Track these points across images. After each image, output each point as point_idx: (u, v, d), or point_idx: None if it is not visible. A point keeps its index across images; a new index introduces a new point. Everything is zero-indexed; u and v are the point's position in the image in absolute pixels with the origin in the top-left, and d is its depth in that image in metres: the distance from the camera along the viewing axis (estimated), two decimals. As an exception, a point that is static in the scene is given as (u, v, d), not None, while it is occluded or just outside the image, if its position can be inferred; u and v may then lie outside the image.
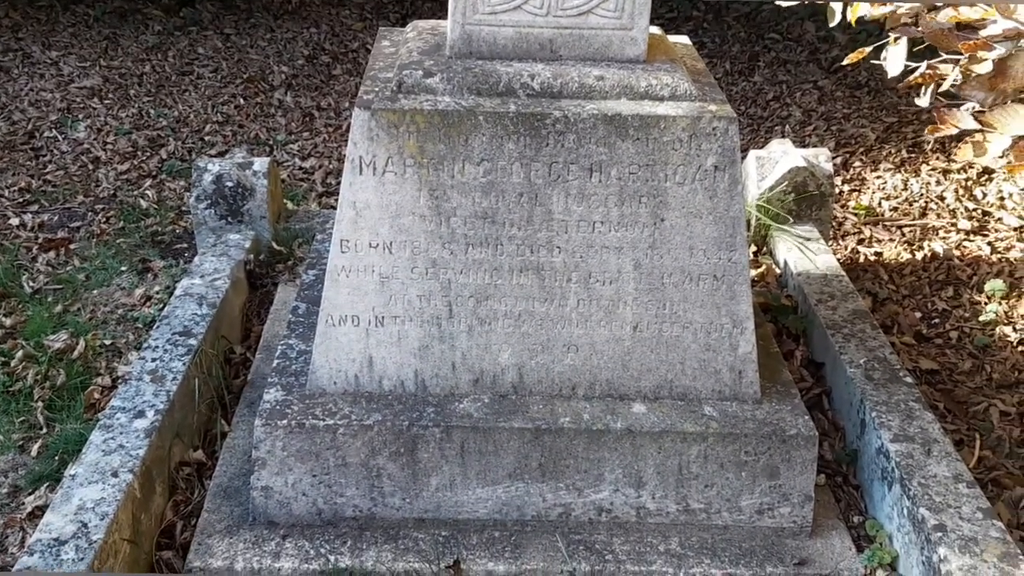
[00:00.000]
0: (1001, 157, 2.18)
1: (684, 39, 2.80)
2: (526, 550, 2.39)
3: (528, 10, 2.30)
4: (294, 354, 2.60)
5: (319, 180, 4.75)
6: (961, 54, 2.09)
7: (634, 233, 2.32)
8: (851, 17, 2.89)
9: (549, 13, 2.30)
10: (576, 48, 2.34)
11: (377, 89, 2.33)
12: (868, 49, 3.02)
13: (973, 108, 2.06)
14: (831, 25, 3.33)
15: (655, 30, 2.52)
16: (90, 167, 4.82)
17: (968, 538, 2.18)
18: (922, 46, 2.99)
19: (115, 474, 2.35)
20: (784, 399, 2.49)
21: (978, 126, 2.01)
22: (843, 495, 2.62)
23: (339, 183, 4.67)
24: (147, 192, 4.51)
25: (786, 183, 3.54)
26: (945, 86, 2.26)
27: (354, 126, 2.24)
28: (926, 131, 2.23)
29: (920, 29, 2.13)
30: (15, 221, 4.24)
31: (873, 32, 5.71)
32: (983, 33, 2.07)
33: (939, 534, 2.19)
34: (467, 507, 2.42)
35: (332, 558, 2.34)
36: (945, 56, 2.29)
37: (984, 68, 2.02)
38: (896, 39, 2.85)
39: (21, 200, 4.46)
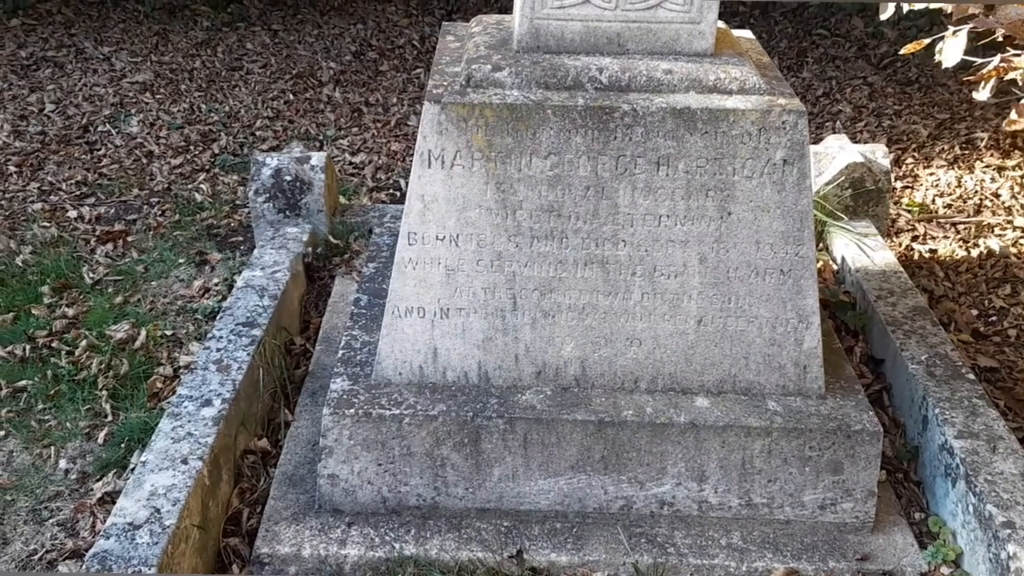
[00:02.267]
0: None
1: (748, 33, 2.80)
2: (588, 542, 2.40)
3: (596, 4, 2.31)
4: (358, 345, 2.63)
5: (369, 175, 4.78)
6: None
7: (700, 227, 2.32)
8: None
9: (617, 7, 2.31)
10: (644, 42, 2.35)
11: (446, 83, 2.35)
12: (926, 41, 3.00)
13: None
14: (883, 18, 3.32)
15: (720, 24, 2.52)
16: (144, 161, 4.90)
17: (1038, 535, 2.17)
18: (981, 41, 2.97)
19: (185, 461, 2.40)
20: (848, 395, 2.48)
21: (1058, 120, 1.99)
22: (904, 492, 2.61)
23: (389, 178, 4.72)
24: (201, 186, 4.57)
25: (843, 178, 3.52)
26: (1015, 75, 2.24)
27: (424, 120, 2.26)
28: (1004, 124, 2.21)
29: (997, 19, 2.10)
30: (73, 213, 4.31)
31: (923, 27, 5.66)
32: (1067, 24, 2.05)
33: (1007, 531, 2.18)
34: (529, 498, 2.44)
35: (397, 546, 2.37)
36: (1013, 44, 2.26)
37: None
38: (955, 31, 2.83)
39: (78, 193, 4.54)
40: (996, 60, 2.35)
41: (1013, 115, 2.75)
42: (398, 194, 4.49)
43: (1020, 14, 2.11)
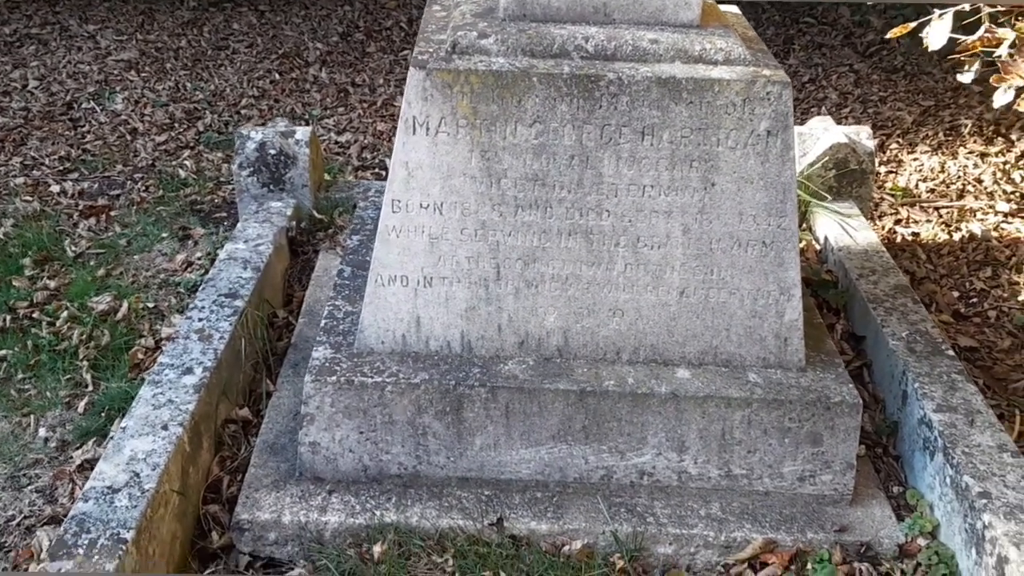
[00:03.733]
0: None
1: (734, 8, 2.81)
2: (568, 511, 2.41)
3: (582, -27, 2.31)
4: (341, 315, 2.63)
5: (355, 154, 4.77)
6: (1020, 18, 2.09)
7: (684, 198, 2.33)
8: None
9: (603, -24, 2.31)
10: (630, 11, 2.35)
11: (431, 50, 2.35)
12: (912, 24, 3.01)
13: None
14: (868, 2, 3.32)
15: (706, -3, 2.52)
16: (128, 138, 4.87)
17: (1013, 505, 2.18)
18: (965, 21, 2.98)
19: (165, 427, 2.39)
20: (828, 368, 2.49)
21: (1042, 77, 2.01)
22: (883, 466, 2.63)
23: (375, 157, 4.71)
24: (185, 162, 4.55)
25: (827, 159, 3.54)
26: (1001, 51, 2.26)
27: (408, 86, 2.26)
28: (991, 79, 2.22)
29: (985, -7, 2.12)
30: (56, 188, 4.29)
31: (910, 16, 5.68)
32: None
33: (983, 501, 2.20)
34: (510, 467, 2.44)
35: (378, 513, 2.37)
36: (997, 22, 2.28)
37: (1041, 31, 2.02)
38: (941, 14, 2.84)
39: (61, 168, 4.52)
40: (981, 31, 2.36)
41: (998, 96, 2.76)
42: (383, 173, 4.49)
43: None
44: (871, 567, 2.32)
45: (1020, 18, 2.18)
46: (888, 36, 3.12)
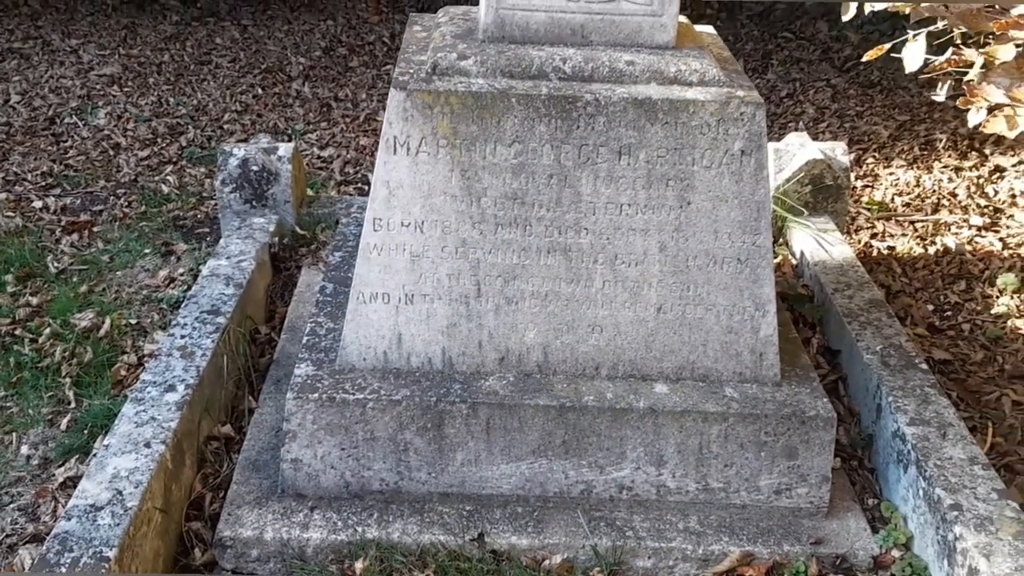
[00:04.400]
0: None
1: (710, 29, 2.86)
2: (548, 525, 2.44)
3: (560, -4, 2.35)
4: (323, 331, 2.65)
5: (337, 169, 4.80)
6: (989, 39, 2.14)
7: (660, 216, 2.37)
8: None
9: (581, -1, 2.35)
10: (607, 34, 2.40)
11: (412, 71, 2.38)
12: (887, 46, 3.07)
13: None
14: (844, 19, 3.38)
15: (682, 19, 2.57)
16: (111, 153, 4.88)
17: (984, 517, 2.23)
18: (938, 41, 3.04)
19: (148, 444, 2.41)
20: (803, 382, 2.54)
21: (1008, 101, 2.06)
22: (858, 478, 2.67)
23: (357, 172, 4.74)
24: (168, 178, 4.57)
25: (803, 175, 3.59)
26: (972, 75, 2.31)
27: (389, 107, 2.29)
28: (958, 102, 2.28)
29: (949, 10, 2.17)
30: (38, 204, 4.30)
31: (886, 32, 5.77)
32: (1015, 12, 2.12)
33: (955, 513, 2.24)
34: (491, 482, 2.47)
35: (359, 529, 2.39)
36: (967, 43, 2.34)
37: (1008, 54, 2.07)
38: (915, 35, 2.90)
39: (43, 184, 4.52)
40: (948, 53, 2.42)
41: (972, 117, 2.82)
42: (366, 188, 4.51)
43: (971, 3, 2.18)
44: (846, 579, 2.36)
45: (989, 39, 2.24)
46: (865, 58, 3.17)
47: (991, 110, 2.36)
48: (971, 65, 2.40)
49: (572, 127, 2.30)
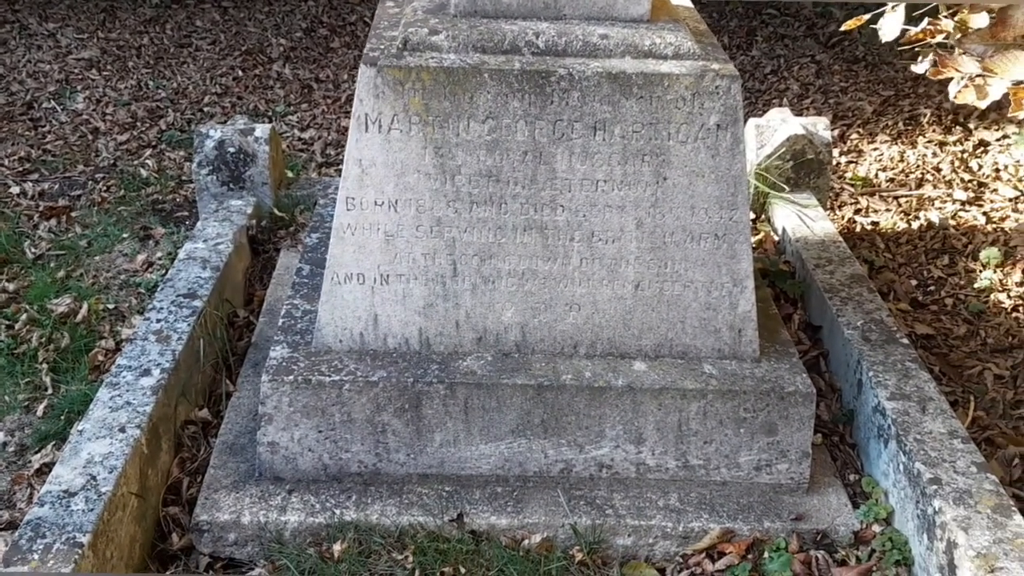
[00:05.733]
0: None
1: (686, 1, 2.82)
2: (528, 505, 2.42)
3: (532, -31, 2.32)
4: (299, 313, 2.63)
5: (318, 151, 4.76)
6: (962, 7, 2.12)
7: (637, 192, 2.34)
8: None
9: (553, -28, 2.31)
10: (580, 7, 2.36)
11: (383, 47, 2.35)
12: (866, 16, 3.04)
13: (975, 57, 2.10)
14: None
15: (658, -8, 2.54)
16: (89, 137, 4.83)
17: (962, 491, 2.22)
18: (919, 12, 3.01)
19: (122, 429, 2.38)
20: (783, 358, 2.52)
21: (980, 70, 2.04)
22: (839, 454, 2.66)
23: (338, 154, 4.70)
24: (147, 161, 4.52)
25: (784, 150, 3.57)
26: (939, 39, 2.29)
27: (360, 83, 2.26)
28: (927, 73, 2.26)
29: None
30: (15, 190, 4.25)
31: (870, 6, 5.74)
32: (992, -17, 2.10)
33: (934, 487, 2.24)
34: (470, 463, 2.45)
35: (338, 512, 2.37)
36: (946, 15, 2.32)
37: (981, 22, 2.05)
38: (893, 6, 2.87)
39: (21, 169, 4.47)
40: (924, 23, 2.40)
41: (953, 89, 2.80)
42: (347, 169, 4.48)
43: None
44: (827, 554, 2.35)
45: (963, 9, 2.22)
46: (843, 28, 3.15)
47: (966, 82, 2.34)
48: (946, 34, 2.38)
49: (546, 102, 2.27)
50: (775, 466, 2.46)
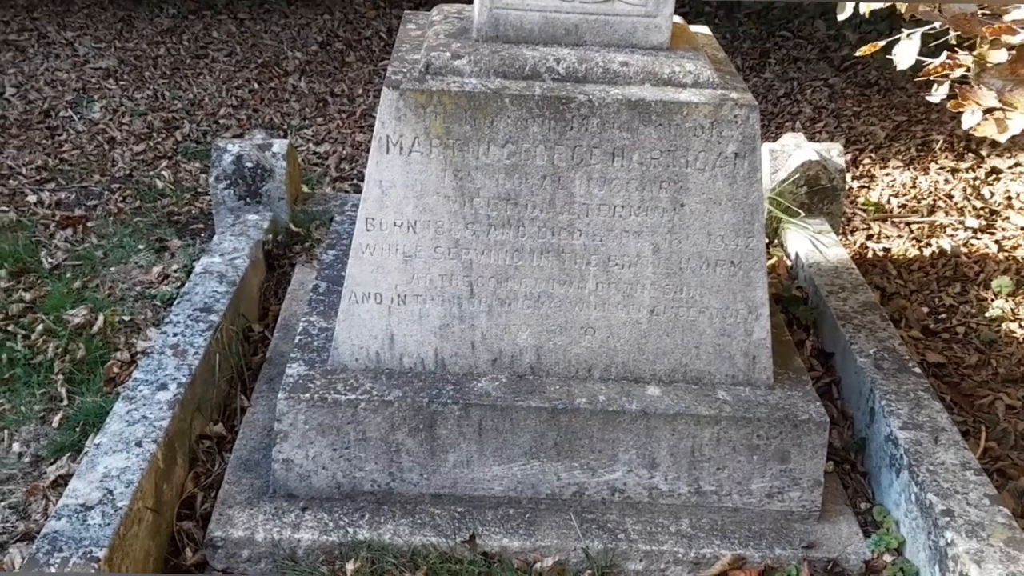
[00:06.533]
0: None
1: (705, 29, 2.84)
2: (540, 527, 2.43)
3: (555, -4, 2.34)
4: (315, 331, 2.64)
5: (333, 165, 4.79)
6: (981, 41, 2.14)
7: (654, 218, 2.36)
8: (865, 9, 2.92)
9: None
10: (601, 34, 2.39)
11: (405, 70, 2.37)
12: (881, 43, 3.06)
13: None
14: (840, 18, 3.37)
15: (677, 19, 2.56)
16: (106, 147, 4.86)
17: (975, 523, 2.23)
18: (934, 43, 3.04)
19: (139, 444, 2.40)
20: (796, 385, 2.53)
21: (999, 104, 2.06)
22: (851, 482, 2.66)
23: (353, 168, 4.73)
24: (163, 173, 4.55)
25: (798, 176, 3.59)
26: (959, 73, 2.31)
27: (382, 106, 2.28)
28: (948, 105, 2.27)
29: (942, 14, 2.17)
30: (32, 198, 4.28)
31: (883, 31, 5.76)
32: (1007, 18, 2.11)
33: (946, 519, 2.24)
34: (483, 484, 2.47)
35: (351, 531, 2.38)
36: (962, 45, 2.34)
37: (1000, 57, 2.07)
38: (909, 34, 2.89)
39: (38, 178, 4.50)
40: (942, 57, 2.42)
41: (966, 119, 2.81)
42: (361, 184, 4.46)
43: (963, 8, 2.18)
44: (837, 583, 2.35)
45: (982, 44, 2.23)
46: (858, 54, 3.16)
47: (985, 113, 2.36)
48: (967, 68, 2.40)
49: (566, 128, 2.29)
50: (787, 493, 2.47)
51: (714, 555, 2.39)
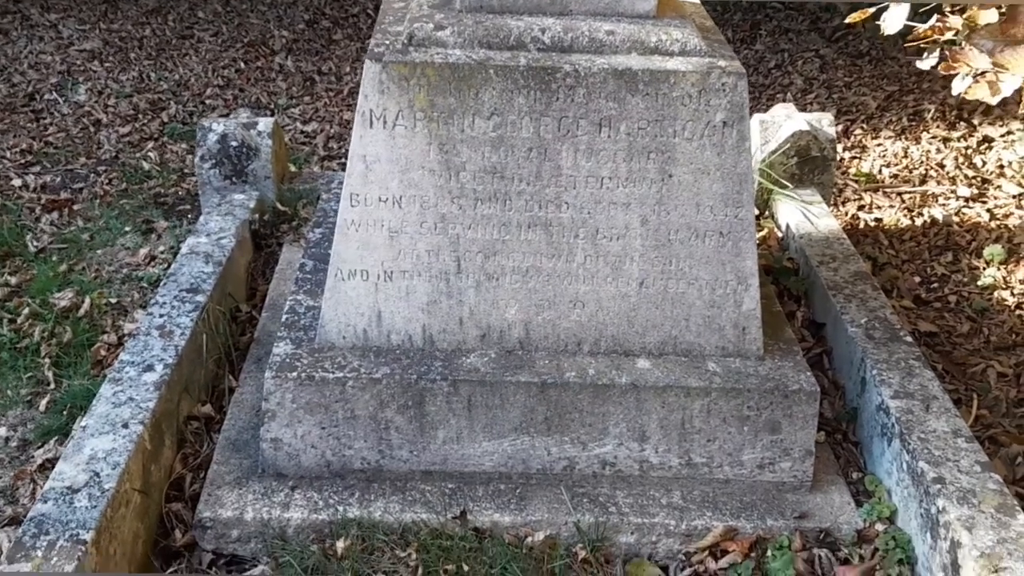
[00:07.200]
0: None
1: (692, -3, 2.81)
2: (531, 502, 2.42)
3: (538, -35, 2.30)
4: (302, 309, 2.62)
5: (321, 144, 4.75)
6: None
7: (642, 189, 2.34)
8: None
9: (559, -32, 2.30)
10: (586, 2, 2.35)
11: (388, 42, 2.34)
12: (871, 9, 3.03)
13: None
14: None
15: (663, -12, 2.52)
16: (91, 129, 4.82)
17: (966, 490, 2.22)
18: (924, 7, 3.00)
19: (125, 425, 2.38)
20: (786, 356, 2.52)
21: (991, 66, 2.03)
22: (843, 452, 2.66)
23: (341, 147, 4.69)
24: (149, 154, 4.51)
25: (789, 146, 3.56)
26: (948, 36, 2.28)
27: (365, 79, 2.25)
28: (939, 68, 2.25)
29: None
30: (17, 182, 4.24)
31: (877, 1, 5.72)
32: (997, -20, 2.09)
33: (938, 486, 2.23)
34: (473, 460, 2.45)
35: (341, 509, 2.37)
36: (952, 10, 2.31)
37: (990, 17, 2.04)
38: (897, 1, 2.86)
39: (23, 161, 4.46)
40: (932, 20, 2.38)
41: (957, 84, 2.79)
42: (349, 163, 4.47)
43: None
44: (830, 553, 2.35)
45: (973, 8, 2.20)
46: (847, 21, 3.14)
47: (976, 76, 2.33)
48: (956, 31, 2.37)
49: (551, 99, 2.26)
50: (778, 464, 2.46)
51: (706, 527, 2.38)
